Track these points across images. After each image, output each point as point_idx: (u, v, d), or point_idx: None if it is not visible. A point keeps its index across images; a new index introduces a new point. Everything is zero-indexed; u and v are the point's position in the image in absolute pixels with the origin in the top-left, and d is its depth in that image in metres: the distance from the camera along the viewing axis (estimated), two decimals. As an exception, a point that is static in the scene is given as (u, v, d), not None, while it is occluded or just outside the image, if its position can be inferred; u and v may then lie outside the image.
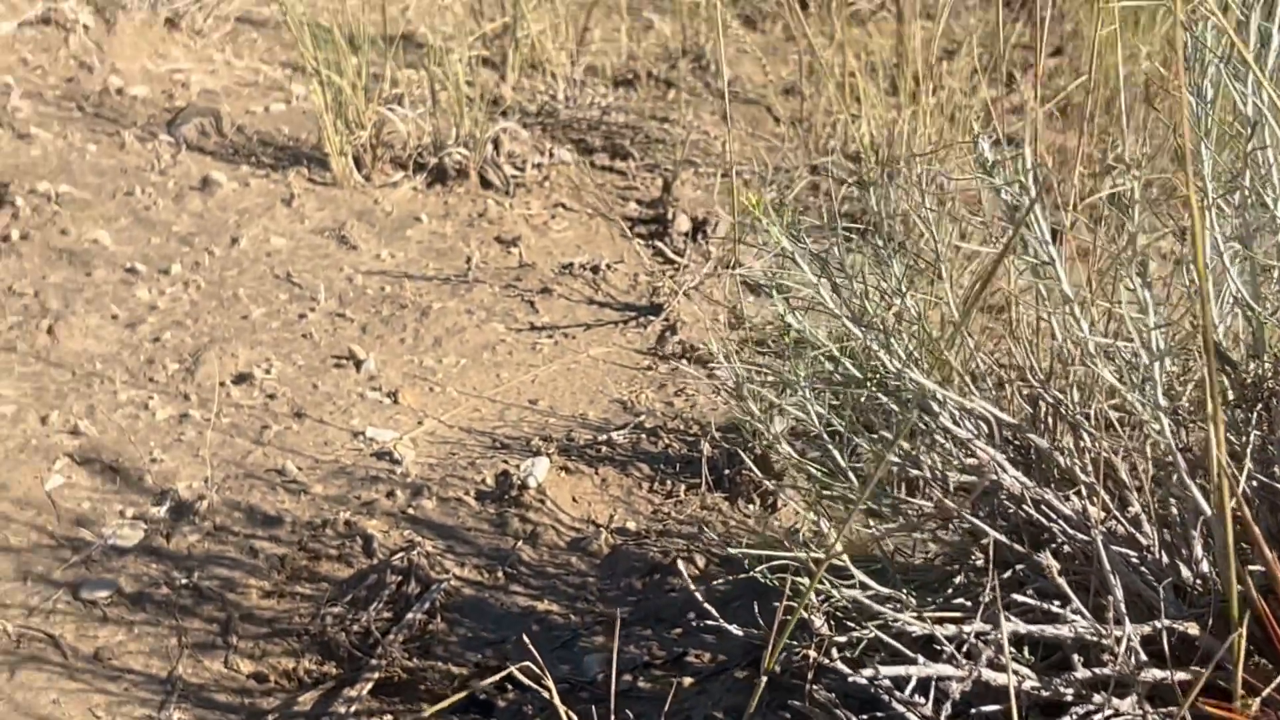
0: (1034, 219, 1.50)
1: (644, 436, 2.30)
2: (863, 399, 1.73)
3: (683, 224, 2.94)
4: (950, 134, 3.22)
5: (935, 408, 1.56)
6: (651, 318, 2.62)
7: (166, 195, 2.86)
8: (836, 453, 1.62)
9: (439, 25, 3.83)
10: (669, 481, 2.20)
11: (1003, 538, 1.55)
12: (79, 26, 3.31)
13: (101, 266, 2.64)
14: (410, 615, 1.94)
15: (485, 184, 3.02)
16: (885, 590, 1.54)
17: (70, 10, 3.32)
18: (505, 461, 2.24)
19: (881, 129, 3.29)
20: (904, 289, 1.67)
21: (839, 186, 3.17)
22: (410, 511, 2.13)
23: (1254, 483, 1.48)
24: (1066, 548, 1.57)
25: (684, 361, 2.50)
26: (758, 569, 1.57)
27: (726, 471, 2.19)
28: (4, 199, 2.78)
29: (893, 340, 1.64)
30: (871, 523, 1.69)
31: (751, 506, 2.14)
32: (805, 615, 1.50)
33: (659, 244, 2.89)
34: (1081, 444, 1.57)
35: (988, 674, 1.43)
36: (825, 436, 1.63)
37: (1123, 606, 1.44)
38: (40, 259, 2.66)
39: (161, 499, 2.16)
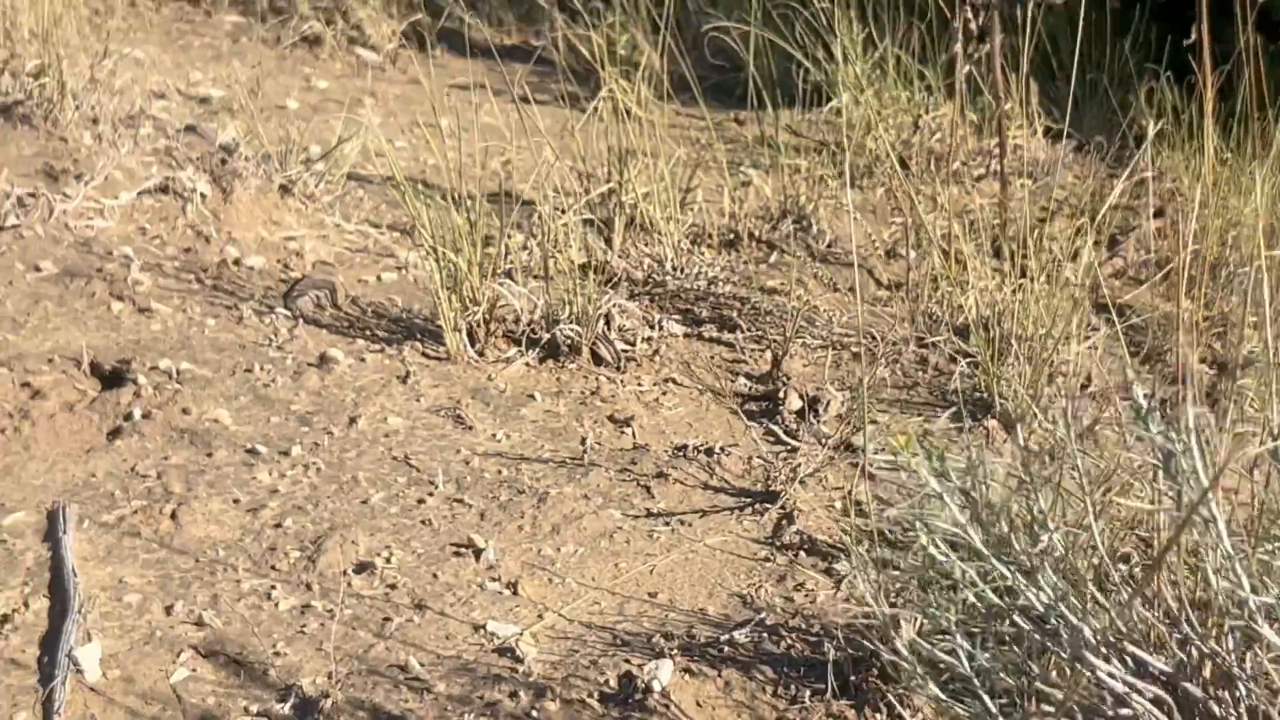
0: (1195, 476, 1.49)
1: (765, 635, 2.29)
2: (1005, 629, 1.72)
3: (794, 402, 2.95)
4: (1057, 304, 3.21)
5: (1091, 658, 1.54)
6: (768, 505, 2.62)
7: (285, 372, 2.89)
8: (987, 699, 1.60)
9: (544, 184, 3.88)
10: (793, 686, 2.19)
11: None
12: (196, 195, 3.37)
13: (222, 447, 2.67)
14: (539, 830, 1.93)
15: (597, 359, 3.04)
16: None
17: (188, 179, 3.39)
18: (627, 661, 2.23)
19: (987, 301, 3.29)
20: (1051, 526, 1.66)
21: (949, 362, 3.17)
22: (534, 714, 2.13)
23: None
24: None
25: (802, 553, 2.50)
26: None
27: (852, 678, 2.17)
28: (126, 377, 2.82)
29: (1040, 578, 1.63)
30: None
31: (879, 716, 2.12)
32: None
33: (770, 424, 2.89)
34: (1236, 693, 1.55)
35: None
36: (974, 679, 1.62)
37: None
38: (162, 439, 2.70)
39: (286, 695, 2.16)
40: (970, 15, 3.30)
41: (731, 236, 3.79)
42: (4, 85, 3.70)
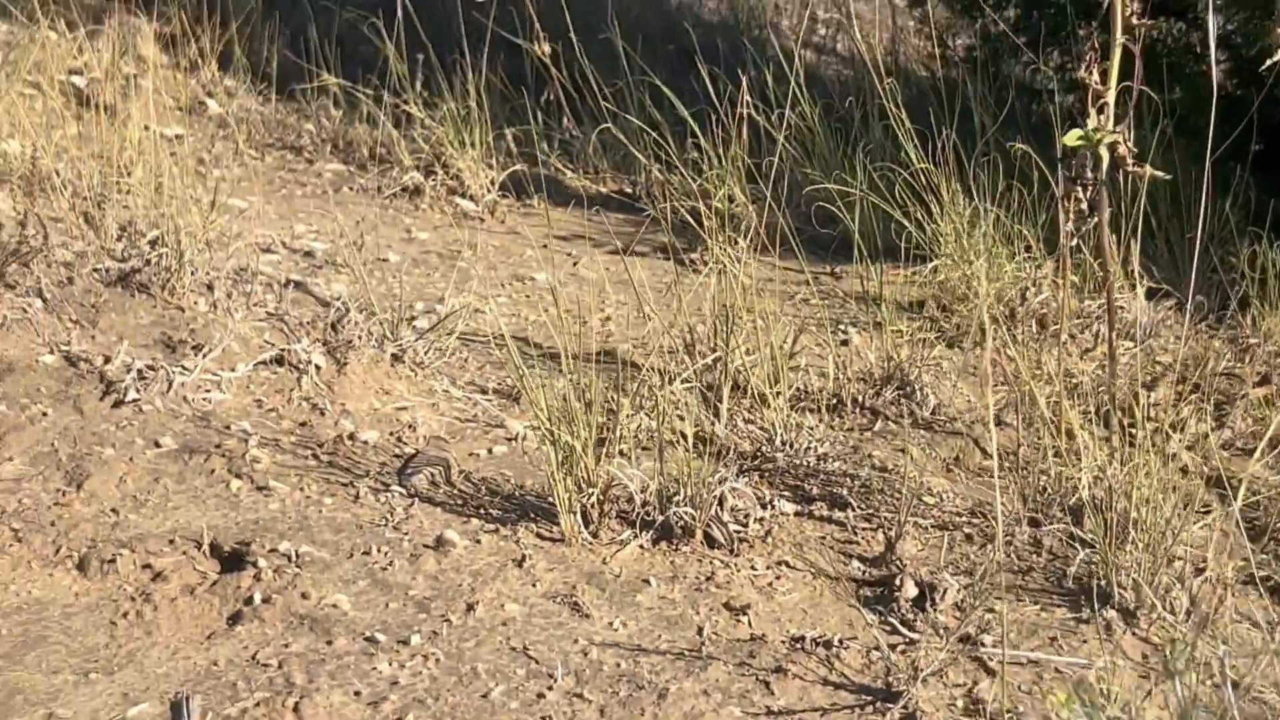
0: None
1: None
2: None
3: (910, 590, 2.93)
4: (1170, 481, 3.18)
5: None
6: (889, 705, 2.59)
7: (402, 555, 2.91)
8: None
9: (650, 352, 3.90)
10: None
11: None
12: (311, 367, 3.41)
13: (342, 635, 2.68)
14: None
15: (710, 541, 3.04)
16: None
17: (303, 351, 3.43)
18: None
19: (1098, 477, 3.27)
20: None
21: (1064, 544, 3.15)
22: None
23: None
24: None
25: (927, 758, 2.47)
26: None
27: None
28: (246, 559, 2.85)
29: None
30: None
31: None
32: None
33: (887, 613, 2.87)
34: None
35: None
36: None
37: None
38: (282, 625, 2.71)
39: None
40: (1081, 195, 3.30)
41: (835, 401, 3.79)
42: (122, 251, 3.77)
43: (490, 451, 3.36)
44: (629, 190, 5.56)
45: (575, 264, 4.84)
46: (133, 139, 4.67)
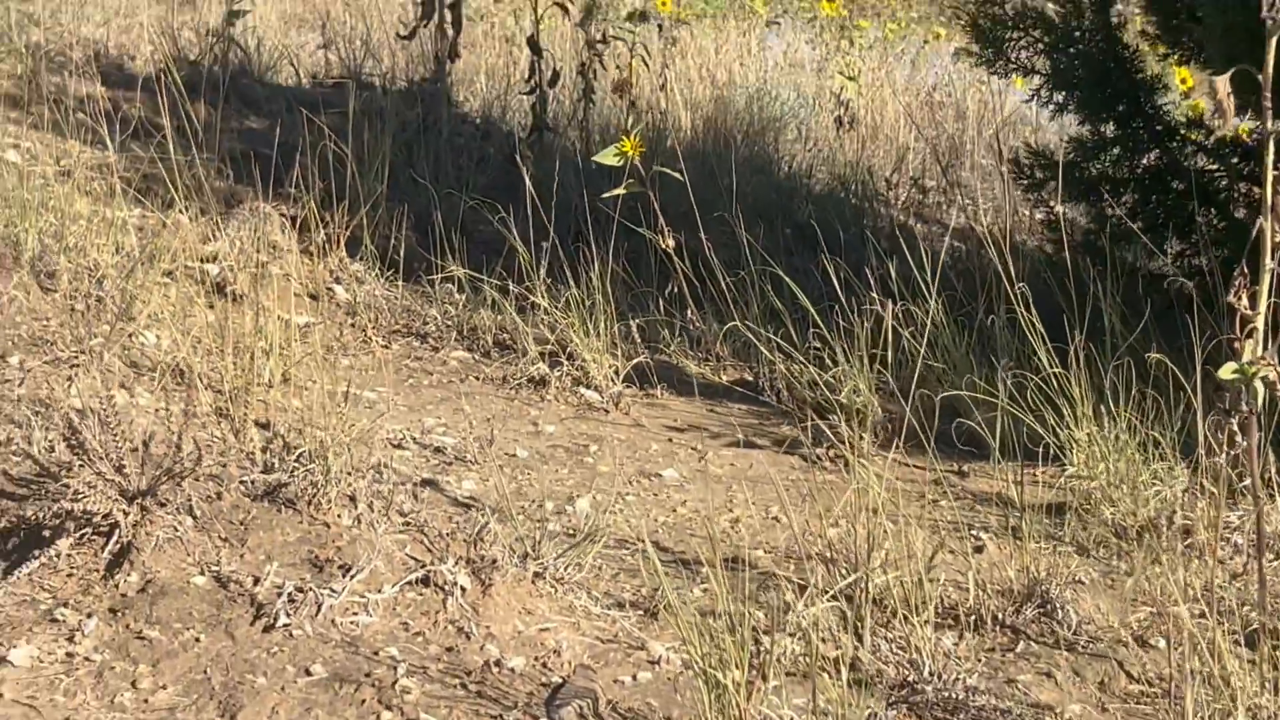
0: None
1: None
2: None
3: (1070, 840, 2.87)
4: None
5: None
6: None
7: (555, 797, 2.89)
8: None
9: (777, 548, 3.89)
10: None
11: None
12: (456, 589, 3.42)
13: None
14: None
15: (863, 784, 2.99)
16: None
17: (449, 571, 3.44)
18: None
19: (1253, 713, 3.21)
20: None
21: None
22: None
23: None
24: None
25: None
26: None
27: None
28: (401, 800, 2.84)
29: None
30: None
31: None
32: None
33: None
34: None
35: None
36: None
37: None
38: None
39: None
40: (1235, 429, 3.27)
41: (974, 618, 3.75)
42: (265, 462, 3.81)
43: (634, 679, 3.34)
44: (749, 378, 5.57)
45: (702, 459, 4.85)
46: (269, 334, 4.75)
